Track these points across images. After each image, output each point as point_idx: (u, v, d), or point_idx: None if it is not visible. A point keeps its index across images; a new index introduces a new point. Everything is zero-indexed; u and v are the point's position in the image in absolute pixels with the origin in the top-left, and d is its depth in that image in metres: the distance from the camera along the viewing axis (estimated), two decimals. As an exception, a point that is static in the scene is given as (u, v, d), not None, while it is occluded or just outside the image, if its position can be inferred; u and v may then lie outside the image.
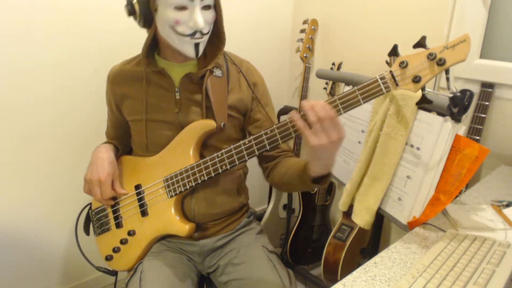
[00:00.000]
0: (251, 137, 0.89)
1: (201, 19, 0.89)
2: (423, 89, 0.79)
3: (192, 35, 0.90)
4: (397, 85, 0.78)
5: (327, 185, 1.00)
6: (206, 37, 0.94)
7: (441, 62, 0.75)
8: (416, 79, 0.76)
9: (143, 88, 1.01)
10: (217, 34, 0.99)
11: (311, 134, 0.75)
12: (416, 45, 0.78)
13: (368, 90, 0.78)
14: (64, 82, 1.38)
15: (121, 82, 1.05)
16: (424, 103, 0.79)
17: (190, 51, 0.93)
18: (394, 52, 0.82)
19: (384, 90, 0.78)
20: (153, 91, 1.01)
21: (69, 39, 1.35)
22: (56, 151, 1.44)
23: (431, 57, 0.75)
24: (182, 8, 0.88)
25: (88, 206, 1.13)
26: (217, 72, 1.02)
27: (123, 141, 1.15)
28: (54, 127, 1.40)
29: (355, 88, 0.79)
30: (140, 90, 1.02)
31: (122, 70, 1.06)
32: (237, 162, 0.92)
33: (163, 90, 1.01)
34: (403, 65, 0.77)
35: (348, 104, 0.78)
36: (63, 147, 1.44)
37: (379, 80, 0.78)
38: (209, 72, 1.00)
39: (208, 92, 0.99)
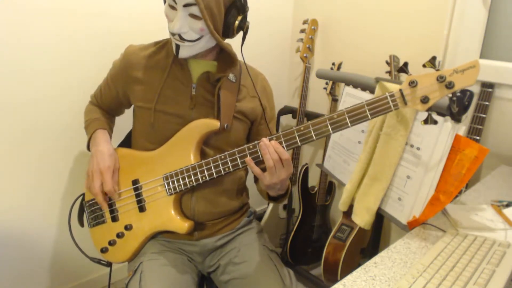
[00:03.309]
0: (256, 142, 0.90)
1: (179, 24, 0.90)
2: (429, 109, 0.80)
3: (173, 34, 0.94)
4: (406, 104, 0.80)
5: (284, 200, 1.10)
6: (188, 43, 0.94)
7: (450, 86, 0.76)
8: (425, 100, 0.78)
9: (162, 78, 1.01)
10: (228, 54, 1.00)
11: (265, 175, 0.89)
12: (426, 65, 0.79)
13: (377, 106, 0.81)
14: (62, 82, 1.38)
15: (138, 66, 1.04)
16: (430, 123, 0.81)
17: (174, 48, 0.97)
18: (403, 69, 0.83)
19: (392, 107, 0.81)
20: (170, 83, 1.02)
21: (67, 42, 1.35)
22: (53, 150, 1.43)
23: (441, 79, 0.77)
24: (172, 7, 0.92)
25: (81, 197, 1.12)
26: (231, 77, 1.04)
27: (109, 111, 1.19)
28: (50, 127, 1.40)
29: (364, 102, 0.81)
30: (156, 78, 1.02)
31: (141, 54, 1.05)
32: (240, 166, 0.92)
33: (180, 83, 1.02)
34: (413, 84, 0.78)
35: (356, 118, 0.82)
36: (60, 145, 1.44)
37: (388, 97, 0.80)
38: (225, 76, 1.02)
39: (220, 93, 1.01)
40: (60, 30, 1.32)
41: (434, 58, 0.79)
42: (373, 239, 1.26)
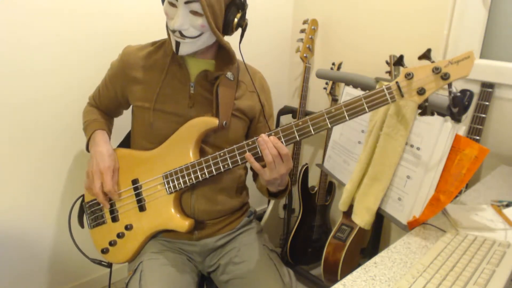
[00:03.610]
0: (255, 138, 0.90)
1: (180, 21, 0.90)
2: (426, 100, 0.80)
3: (173, 32, 0.94)
4: (402, 96, 0.81)
5: (285, 196, 1.11)
6: (188, 40, 0.94)
7: (445, 77, 0.77)
8: (421, 92, 0.79)
9: (160, 77, 1.02)
10: (226, 52, 1.00)
11: (265, 171, 0.89)
12: (422, 57, 0.80)
13: (374, 99, 0.81)
14: (62, 82, 1.38)
15: (135, 66, 1.04)
16: (426, 115, 0.82)
17: (173, 45, 0.96)
18: (399, 62, 0.83)
19: (389, 100, 0.81)
20: (168, 82, 1.02)
21: (67, 41, 1.35)
22: (53, 150, 1.43)
23: (436, 71, 0.77)
24: (172, 4, 0.92)
25: (81, 198, 1.12)
26: (229, 75, 1.04)
27: (108, 112, 1.19)
28: (50, 127, 1.40)
29: (361, 96, 0.82)
30: (155, 78, 1.02)
31: (139, 54, 1.06)
32: (240, 163, 0.93)
33: (178, 82, 1.02)
34: (409, 76, 0.79)
35: (354, 111, 0.82)
36: (60, 145, 1.44)
37: (385, 90, 0.81)
38: (223, 74, 1.02)
39: (218, 91, 1.01)
40: (60, 30, 1.32)
41: (429, 50, 0.79)
42: (373, 239, 1.26)
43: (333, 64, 1.82)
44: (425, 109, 0.81)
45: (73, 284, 1.61)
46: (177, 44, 0.95)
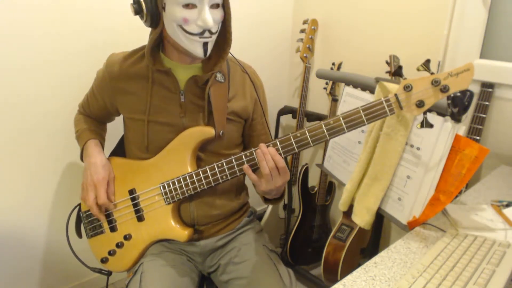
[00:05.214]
0: (253, 149, 0.89)
1: (210, 18, 0.86)
2: (424, 113, 0.80)
3: (201, 34, 0.88)
4: (401, 108, 0.80)
5: (278, 203, 1.12)
6: (214, 37, 0.92)
7: (445, 90, 0.76)
8: (420, 105, 0.78)
9: (148, 87, 0.98)
10: (223, 35, 0.96)
11: (261, 182, 0.89)
12: (420, 69, 0.80)
13: (372, 111, 0.81)
14: (61, 81, 1.38)
15: (121, 76, 1.01)
16: (426, 127, 0.81)
17: (198, 51, 0.91)
18: (398, 73, 0.83)
19: (388, 112, 0.81)
20: (157, 92, 0.99)
21: (61, 39, 1.34)
22: (52, 150, 1.43)
23: (435, 83, 0.77)
24: (190, 6, 0.86)
25: (78, 208, 1.11)
26: (220, 77, 1.00)
27: (99, 120, 1.16)
28: (47, 126, 1.40)
29: (360, 108, 0.81)
30: (144, 88, 0.99)
31: (124, 64, 1.01)
32: (238, 174, 0.92)
33: (167, 91, 0.99)
34: (408, 89, 0.78)
35: (352, 123, 0.82)
36: (59, 145, 1.44)
37: (384, 102, 0.80)
38: (213, 77, 0.98)
39: (210, 97, 0.98)
40: (58, 27, 1.32)
41: (428, 61, 0.78)
42: (373, 239, 1.26)
43: (333, 64, 1.82)
44: (424, 121, 0.80)
45: (73, 284, 1.62)
46: (205, 45, 0.90)
